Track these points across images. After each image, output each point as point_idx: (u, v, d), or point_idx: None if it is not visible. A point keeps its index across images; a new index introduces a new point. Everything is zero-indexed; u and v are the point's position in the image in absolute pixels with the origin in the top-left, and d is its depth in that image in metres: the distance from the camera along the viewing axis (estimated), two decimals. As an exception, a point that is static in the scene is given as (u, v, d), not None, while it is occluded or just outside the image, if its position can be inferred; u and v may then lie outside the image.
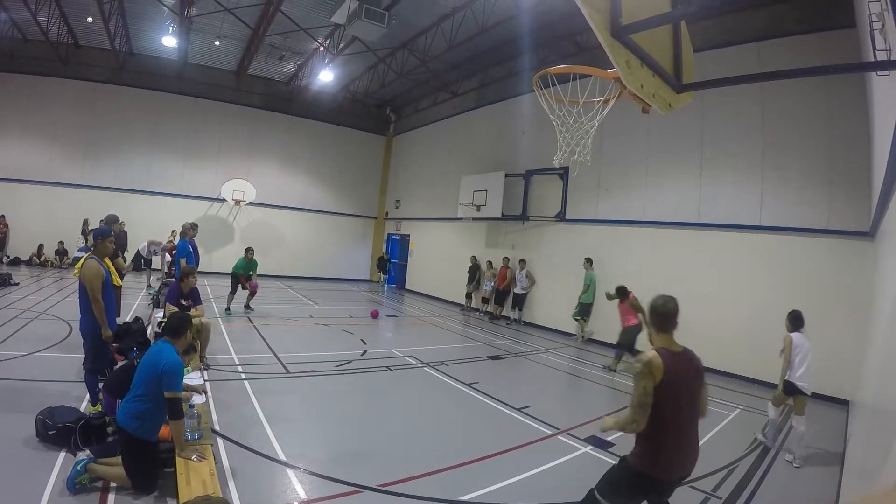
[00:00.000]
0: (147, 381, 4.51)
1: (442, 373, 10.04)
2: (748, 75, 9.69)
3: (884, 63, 4.03)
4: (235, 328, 12.21)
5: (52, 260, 20.28)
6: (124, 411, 4.55)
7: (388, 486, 5.11)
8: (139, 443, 4.49)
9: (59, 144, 20.95)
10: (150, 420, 4.55)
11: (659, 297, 3.73)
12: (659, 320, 3.67)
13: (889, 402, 3.81)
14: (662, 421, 3.40)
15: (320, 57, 20.58)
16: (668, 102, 4.43)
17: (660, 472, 3.55)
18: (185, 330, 4.95)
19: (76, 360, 6.36)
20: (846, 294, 10.04)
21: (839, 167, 10.58)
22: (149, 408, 4.50)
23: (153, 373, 4.49)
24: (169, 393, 4.46)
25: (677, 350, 3.59)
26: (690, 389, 3.56)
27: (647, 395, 3.37)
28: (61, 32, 18.84)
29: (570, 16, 13.71)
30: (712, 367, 11.60)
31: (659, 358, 3.42)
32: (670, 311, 3.63)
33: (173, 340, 4.83)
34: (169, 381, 4.46)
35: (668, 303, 3.67)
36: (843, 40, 10.05)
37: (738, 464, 6.62)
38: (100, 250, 6.16)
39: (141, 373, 4.61)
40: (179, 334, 4.89)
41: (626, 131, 14.40)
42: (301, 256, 26.15)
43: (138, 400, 4.51)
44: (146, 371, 4.56)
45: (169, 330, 4.91)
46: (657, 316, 3.68)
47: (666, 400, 3.38)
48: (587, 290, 14.89)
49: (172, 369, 4.51)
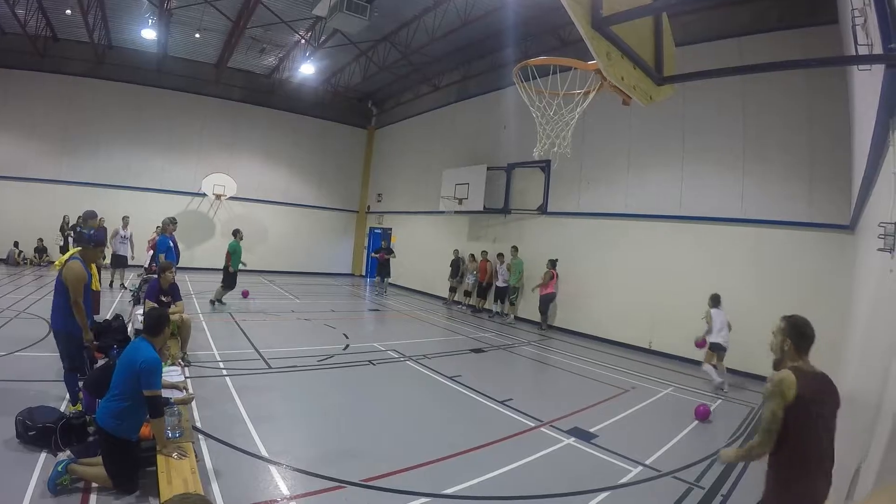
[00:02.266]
0: (125, 380, 4.44)
1: (424, 366, 10.03)
2: (729, 68, 9.81)
3: (865, 57, 4.05)
4: (217, 324, 12.11)
5: (30, 258, 19.92)
6: (103, 410, 4.48)
7: (371, 480, 5.10)
8: (119, 442, 4.43)
9: (36, 140, 20.57)
10: (129, 419, 4.48)
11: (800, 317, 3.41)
12: (802, 341, 3.29)
13: (866, 394, 3.85)
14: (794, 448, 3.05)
15: (302, 50, 20.40)
16: (649, 95, 4.43)
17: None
18: (162, 327, 4.85)
19: (55, 360, 6.27)
20: (827, 286, 10.15)
21: (820, 161, 10.68)
22: (128, 406, 4.43)
23: (131, 371, 4.42)
24: (148, 391, 4.38)
25: (815, 371, 3.23)
26: (828, 415, 3.14)
27: (776, 420, 3.06)
28: (39, 25, 18.45)
29: (553, 9, 13.66)
30: (694, 358, 11.76)
31: (792, 375, 3.10)
32: (812, 332, 3.32)
33: (151, 338, 4.74)
34: (147, 380, 4.39)
35: (810, 324, 3.35)
36: (824, 36, 10.15)
37: (719, 453, 6.65)
38: (88, 255, 6.11)
39: (119, 371, 4.53)
40: (157, 331, 4.79)
41: (607, 125, 14.47)
42: (282, 251, 25.95)
43: (117, 399, 4.44)
44: (124, 369, 4.48)
45: (146, 327, 4.83)
46: (802, 336, 3.31)
47: (800, 423, 3.02)
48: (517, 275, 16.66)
49: (150, 367, 4.42)
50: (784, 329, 3.41)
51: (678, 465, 6.17)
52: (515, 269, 16.64)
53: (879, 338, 3.70)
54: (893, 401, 2.24)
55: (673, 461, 6.27)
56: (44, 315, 10.74)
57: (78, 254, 6.04)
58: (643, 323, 13.44)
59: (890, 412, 2.26)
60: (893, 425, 2.19)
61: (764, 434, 3.11)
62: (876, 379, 3.42)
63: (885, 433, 2.32)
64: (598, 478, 5.68)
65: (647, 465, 6.10)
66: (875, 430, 2.60)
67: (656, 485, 5.64)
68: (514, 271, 16.62)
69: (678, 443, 7.03)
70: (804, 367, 3.20)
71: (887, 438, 2.27)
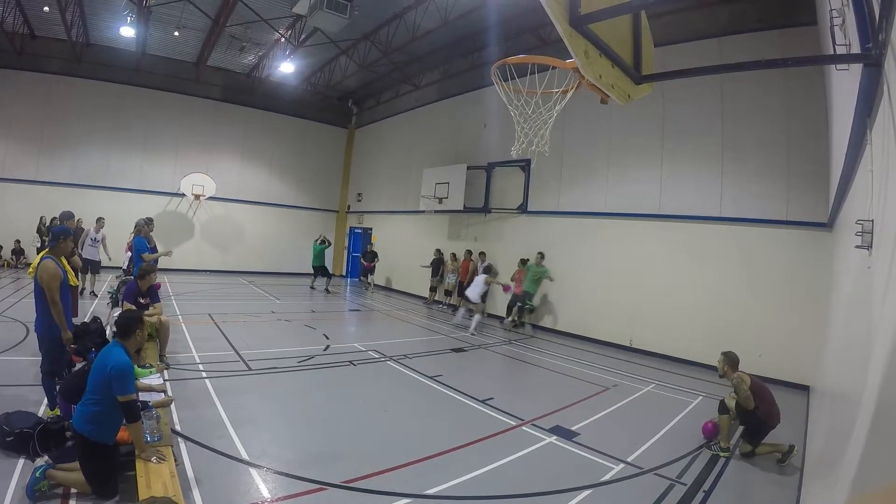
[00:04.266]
0: (98, 385, 4.36)
1: (405, 366, 10.01)
2: (708, 66, 9.89)
3: (843, 56, 4.09)
4: (196, 326, 11.98)
5: (7, 260, 19.57)
6: (79, 415, 4.40)
7: (352, 482, 5.06)
8: (96, 447, 4.35)
9: (12, 139, 20.18)
10: (105, 423, 4.40)
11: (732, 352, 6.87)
12: (734, 364, 6.78)
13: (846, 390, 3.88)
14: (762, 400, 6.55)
15: (281, 48, 20.26)
16: (627, 93, 4.45)
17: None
18: (133, 329, 4.73)
19: (33, 364, 6.18)
20: (805, 283, 10.29)
21: (797, 160, 10.82)
22: (102, 410, 4.35)
23: (103, 376, 4.33)
24: (121, 396, 4.29)
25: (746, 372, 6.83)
26: (762, 386, 6.75)
27: (748, 394, 6.47)
28: (16, 22, 18.14)
29: (533, 9, 13.65)
30: (675, 355, 11.86)
31: (745, 374, 6.65)
32: (737, 359, 6.82)
33: (123, 341, 4.65)
34: (118, 385, 4.29)
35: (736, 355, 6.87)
36: (802, 37, 10.31)
37: (701, 450, 6.71)
38: (58, 249, 6.00)
39: (93, 376, 4.44)
40: (128, 334, 4.68)
41: (587, 124, 14.55)
42: (262, 251, 25.76)
43: (92, 403, 4.36)
44: (96, 374, 4.40)
45: (117, 330, 4.73)
46: (734, 363, 6.78)
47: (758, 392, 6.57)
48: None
49: (120, 372, 4.32)
50: (723, 360, 6.84)
51: (660, 461, 6.21)
52: (536, 276, 15.02)
53: (858, 333, 3.73)
54: (873, 396, 2.26)
55: (655, 458, 6.30)
56: (21, 318, 10.60)
57: (49, 252, 5.94)
58: (623, 320, 13.51)
59: (870, 407, 2.27)
60: (873, 421, 2.20)
61: (746, 400, 6.40)
62: (855, 375, 3.44)
63: (864, 429, 2.33)
64: (580, 476, 5.69)
65: (628, 463, 6.13)
66: (855, 425, 2.62)
67: (638, 482, 5.66)
68: (533, 278, 15.04)
69: (660, 440, 7.07)
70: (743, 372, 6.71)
71: (866, 434, 2.28)
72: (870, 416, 2.31)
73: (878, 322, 2.67)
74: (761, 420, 6.46)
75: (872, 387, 2.40)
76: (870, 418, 2.31)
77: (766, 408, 6.50)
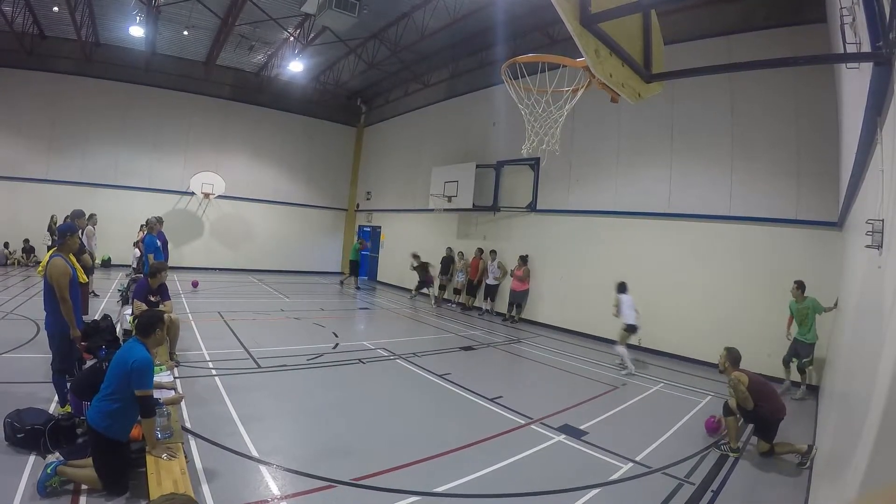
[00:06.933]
0: (117, 380, 4.43)
1: (414, 364, 10.03)
2: (717, 65, 9.85)
3: (853, 55, 4.06)
4: (205, 323, 12.04)
5: (18, 258, 19.69)
6: (95, 410, 4.46)
7: (362, 479, 5.09)
8: (110, 443, 4.41)
9: (23, 138, 20.30)
10: (121, 419, 4.46)
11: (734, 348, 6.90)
12: (736, 361, 6.79)
13: (855, 391, 3.87)
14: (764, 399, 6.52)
15: (290, 47, 20.29)
16: (638, 92, 4.44)
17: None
18: (154, 328, 4.82)
19: (44, 361, 6.22)
20: (815, 283, 10.20)
21: (807, 159, 10.75)
22: (120, 407, 4.41)
23: (123, 371, 4.41)
24: (139, 391, 4.38)
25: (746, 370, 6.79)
26: (763, 382, 6.75)
27: (746, 394, 6.44)
28: (26, 23, 18.25)
29: (542, 7, 13.69)
30: (684, 354, 11.82)
31: (743, 374, 6.58)
32: (739, 355, 6.84)
33: (143, 339, 4.73)
34: (138, 379, 4.39)
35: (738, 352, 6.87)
36: (812, 35, 10.23)
37: (710, 450, 6.69)
38: (66, 247, 6.04)
39: (111, 371, 4.52)
40: (149, 333, 4.78)
41: (597, 123, 14.52)
42: (271, 250, 25.83)
43: (109, 399, 4.43)
44: (116, 369, 4.47)
45: (137, 329, 4.82)
46: (735, 359, 6.79)
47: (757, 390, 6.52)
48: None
49: (143, 366, 4.43)
50: (725, 355, 6.83)
51: (668, 461, 6.20)
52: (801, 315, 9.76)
53: (867, 334, 3.72)
54: (882, 397, 2.25)
55: (663, 457, 6.29)
56: (31, 316, 10.68)
57: (57, 250, 5.99)
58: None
59: (879, 409, 2.27)
60: (882, 422, 2.19)
61: (745, 401, 6.42)
62: (864, 376, 3.43)
63: (873, 430, 2.32)
64: (589, 475, 5.70)
65: (637, 462, 6.12)
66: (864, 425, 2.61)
67: (647, 481, 5.66)
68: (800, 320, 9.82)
69: (668, 439, 7.06)
70: (742, 370, 6.65)
71: (875, 436, 2.28)
72: (879, 415, 2.31)
73: (889, 322, 2.66)
74: (766, 417, 6.49)
75: (882, 386, 2.40)
76: (879, 418, 2.30)
77: (769, 404, 6.52)
